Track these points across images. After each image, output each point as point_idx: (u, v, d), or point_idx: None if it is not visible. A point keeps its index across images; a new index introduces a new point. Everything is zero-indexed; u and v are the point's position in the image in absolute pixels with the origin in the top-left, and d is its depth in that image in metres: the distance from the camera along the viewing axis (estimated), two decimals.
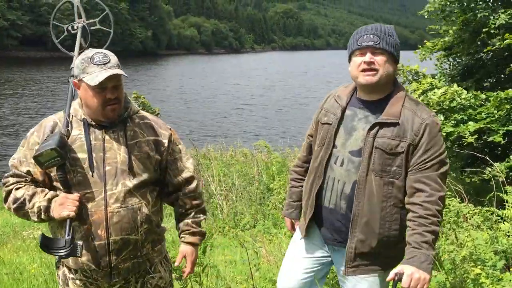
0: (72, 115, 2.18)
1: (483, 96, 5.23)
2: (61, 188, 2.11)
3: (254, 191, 6.88)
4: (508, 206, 3.78)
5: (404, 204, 2.15)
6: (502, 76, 6.58)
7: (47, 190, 2.14)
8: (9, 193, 2.16)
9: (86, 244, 2.11)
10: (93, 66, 2.06)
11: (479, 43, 6.19)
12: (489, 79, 6.65)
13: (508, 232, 3.51)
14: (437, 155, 2.10)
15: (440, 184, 2.10)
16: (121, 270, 2.21)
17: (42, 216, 2.10)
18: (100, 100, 2.08)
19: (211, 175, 7.30)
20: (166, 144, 2.30)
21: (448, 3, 6.32)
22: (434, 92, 5.35)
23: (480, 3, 6.05)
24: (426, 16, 6.68)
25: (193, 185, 2.40)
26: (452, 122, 5.15)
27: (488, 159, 4.65)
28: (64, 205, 2.05)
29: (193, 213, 2.40)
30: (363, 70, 2.13)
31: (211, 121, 24.21)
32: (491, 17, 5.69)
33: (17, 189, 2.14)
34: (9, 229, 7.40)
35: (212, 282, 3.99)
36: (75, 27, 2.58)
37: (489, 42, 5.96)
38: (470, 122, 5.05)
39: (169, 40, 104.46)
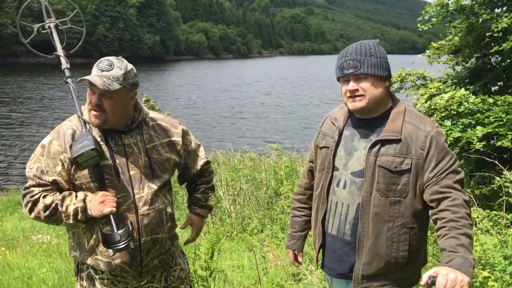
0: (87, 122, 2.19)
1: (491, 100, 5.20)
2: (89, 190, 2.16)
3: (261, 195, 6.89)
4: None
5: (414, 224, 2.07)
6: (511, 80, 6.55)
7: (73, 192, 2.18)
8: (35, 202, 2.15)
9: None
10: (94, 69, 2.13)
11: (484, 47, 6.17)
12: (497, 83, 6.62)
13: None
14: (450, 165, 2.01)
15: (460, 189, 1.99)
16: (150, 268, 2.32)
17: (79, 217, 2.13)
18: (88, 100, 2.15)
19: (219, 180, 7.31)
20: (180, 142, 2.41)
21: (449, 13, 6.31)
22: (441, 97, 5.33)
23: (484, 7, 6.03)
24: (426, 28, 6.70)
25: (208, 171, 2.62)
26: (460, 127, 5.12)
27: (497, 163, 4.63)
28: (105, 202, 2.10)
29: (203, 189, 2.61)
30: (350, 97, 2.09)
31: (219, 125, 24.27)
32: (494, 21, 5.67)
33: (44, 197, 2.14)
34: (18, 233, 7.46)
35: (220, 286, 4.00)
36: (46, 27, 2.58)
37: (494, 45, 5.94)
38: (478, 127, 5.02)
39: (177, 46, 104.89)
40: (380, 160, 2.04)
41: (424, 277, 1.83)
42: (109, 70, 2.10)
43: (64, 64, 2.47)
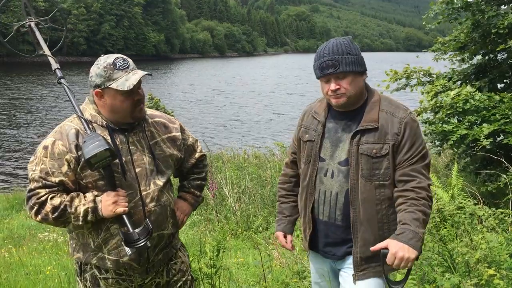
0: (91, 121, 2.17)
1: (497, 97, 5.17)
2: (95, 188, 2.15)
3: (266, 193, 6.89)
4: None
5: None
6: None
7: (81, 193, 2.15)
8: (42, 204, 2.10)
9: None
10: (117, 72, 2.10)
11: (490, 44, 6.14)
12: (503, 80, 6.57)
13: None
14: (420, 150, 2.18)
15: (426, 175, 2.18)
16: (155, 263, 2.33)
17: (89, 218, 2.11)
18: (130, 103, 2.14)
19: (224, 178, 7.32)
20: (180, 137, 2.44)
21: (454, 10, 6.29)
22: (447, 94, 5.30)
23: (491, 3, 5.99)
24: (433, 27, 6.72)
25: (202, 163, 2.64)
26: (466, 124, 5.09)
27: (503, 161, 4.61)
28: (117, 202, 2.10)
29: (191, 178, 2.62)
30: (331, 95, 2.21)
31: (224, 124, 24.27)
32: (500, 18, 5.64)
33: (51, 198, 2.10)
34: (25, 231, 7.50)
35: (225, 284, 4.00)
36: (26, 26, 2.54)
37: (500, 42, 5.90)
38: (484, 124, 4.99)
39: (182, 44, 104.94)
40: (361, 148, 2.20)
41: (377, 246, 2.10)
42: (129, 63, 2.15)
43: (54, 64, 2.43)
